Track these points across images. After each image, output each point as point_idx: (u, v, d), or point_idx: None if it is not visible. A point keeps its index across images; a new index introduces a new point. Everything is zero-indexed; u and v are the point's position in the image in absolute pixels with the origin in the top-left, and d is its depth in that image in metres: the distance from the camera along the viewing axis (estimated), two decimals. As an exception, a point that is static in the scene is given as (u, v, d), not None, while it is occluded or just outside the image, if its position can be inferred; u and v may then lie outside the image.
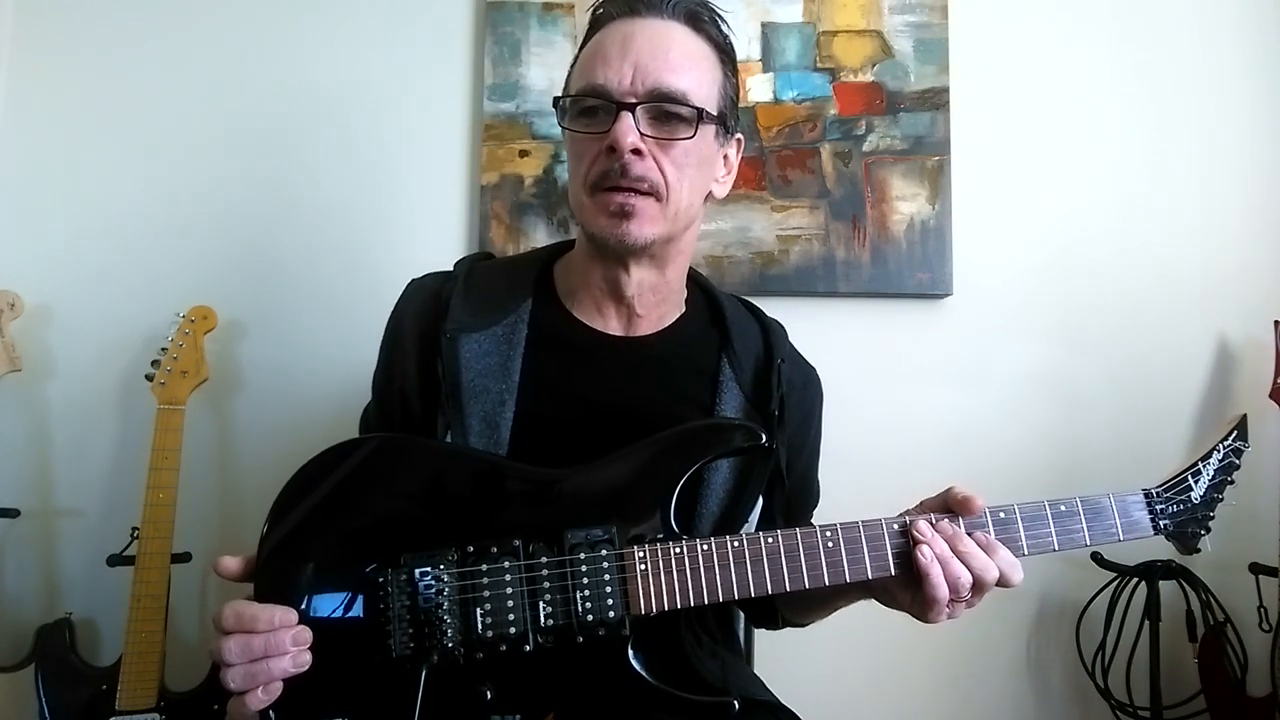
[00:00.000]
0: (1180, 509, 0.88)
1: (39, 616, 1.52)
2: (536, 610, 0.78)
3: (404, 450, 0.86)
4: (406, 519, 0.81)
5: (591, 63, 0.89)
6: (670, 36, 0.90)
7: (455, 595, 0.77)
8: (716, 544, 0.81)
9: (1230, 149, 1.67)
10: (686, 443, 0.86)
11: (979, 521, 0.83)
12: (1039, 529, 0.84)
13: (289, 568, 0.79)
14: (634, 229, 0.88)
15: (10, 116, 1.67)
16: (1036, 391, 1.65)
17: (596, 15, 0.94)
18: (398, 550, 0.78)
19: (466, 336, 0.93)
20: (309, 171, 1.68)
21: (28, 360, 1.55)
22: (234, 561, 0.81)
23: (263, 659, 0.73)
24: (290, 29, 1.69)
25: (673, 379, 0.98)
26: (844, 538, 0.82)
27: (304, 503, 0.81)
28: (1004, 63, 1.68)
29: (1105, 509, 0.86)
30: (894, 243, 1.62)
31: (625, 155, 0.86)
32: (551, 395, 0.94)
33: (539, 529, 0.81)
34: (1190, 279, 1.65)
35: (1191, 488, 0.89)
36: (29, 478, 1.63)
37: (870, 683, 1.61)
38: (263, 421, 1.64)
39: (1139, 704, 1.52)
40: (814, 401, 1.08)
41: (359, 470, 0.82)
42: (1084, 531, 0.85)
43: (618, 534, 0.81)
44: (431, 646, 0.76)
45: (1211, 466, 0.90)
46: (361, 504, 0.82)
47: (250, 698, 0.73)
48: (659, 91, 0.87)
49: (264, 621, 0.74)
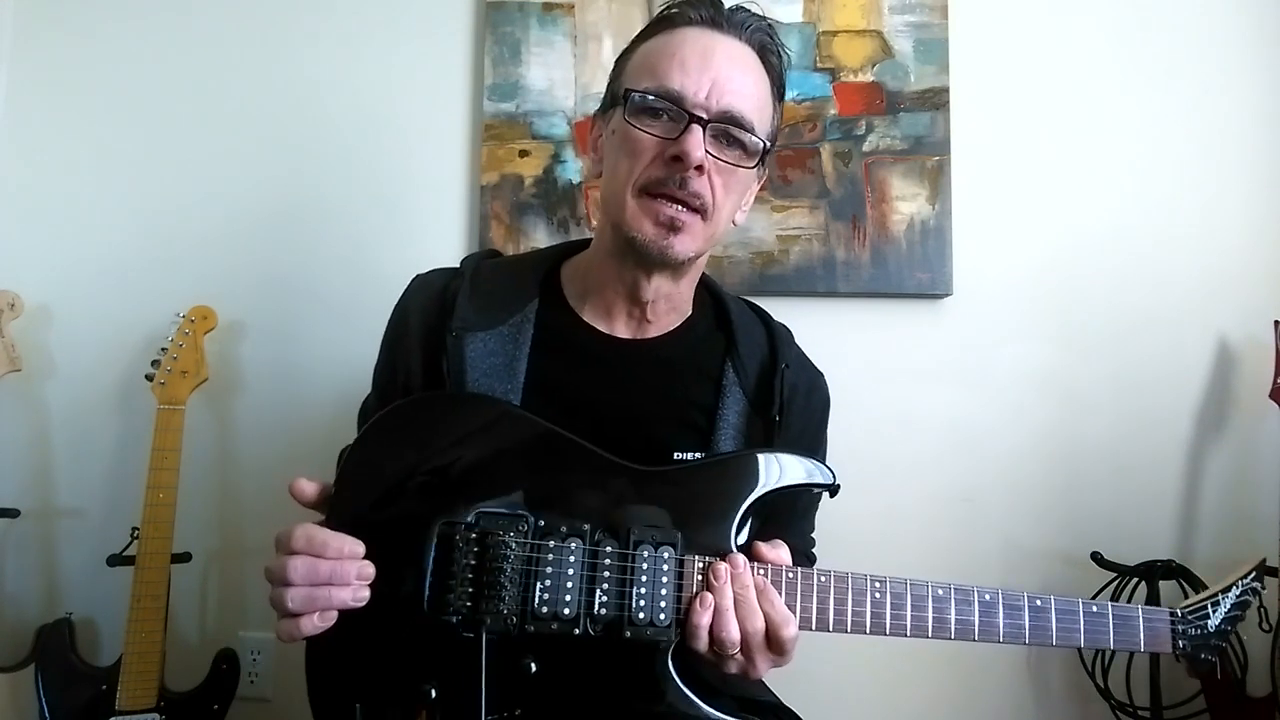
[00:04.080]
0: (1197, 633, 0.93)
1: (39, 616, 1.52)
2: (593, 597, 0.79)
3: (501, 414, 0.87)
4: (486, 478, 0.82)
5: (667, 65, 0.88)
6: (746, 62, 0.90)
7: (520, 565, 0.79)
8: (773, 572, 0.83)
9: (1230, 149, 1.67)
10: (762, 469, 0.86)
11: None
12: (1069, 624, 0.87)
13: (365, 500, 0.81)
14: (678, 243, 0.88)
15: (11, 116, 1.67)
16: (1036, 391, 1.64)
17: (672, 14, 0.92)
18: (472, 508, 0.80)
19: (472, 335, 0.93)
20: (308, 171, 1.68)
21: (28, 360, 1.55)
22: (311, 486, 0.82)
23: (326, 585, 0.75)
24: (290, 29, 1.69)
25: (676, 382, 0.98)
26: (891, 592, 0.84)
27: (390, 443, 0.83)
28: (1004, 63, 1.67)
29: (1133, 620, 0.90)
30: (894, 243, 1.62)
31: (690, 169, 0.85)
32: (556, 396, 0.93)
33: (609, 518, 0.82)
34: (1190, 279, 1.64)
35: (1209, 616, 0.94)
36: (29, 478, 1.63)
37: (870, 682, 1.61)
38: (263, 421, 1.64)
39: (1139, 704, 1.52)
40: (818, 409, 1.07)
41: (448, 420, 0.84)
42: (1109, 635, 0.89)
43: (681, 541, 0.82)
44: (487, 609, 0.77)
45: (1230, 600, 0.96)
46: (446, 457, 0.83)
47: (305, 621, 0.74)
48: (730, 114, 0.87)
49: (334, 549, 0.75)
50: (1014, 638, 0.86)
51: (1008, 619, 0.86)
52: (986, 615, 0.85)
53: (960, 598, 0.85)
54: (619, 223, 0.90)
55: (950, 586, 0.85)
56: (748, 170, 0.91)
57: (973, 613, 0.85)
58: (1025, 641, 0.87)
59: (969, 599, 0.85)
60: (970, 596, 0.85)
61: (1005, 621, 0.86)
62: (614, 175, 0.91)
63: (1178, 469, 1.62)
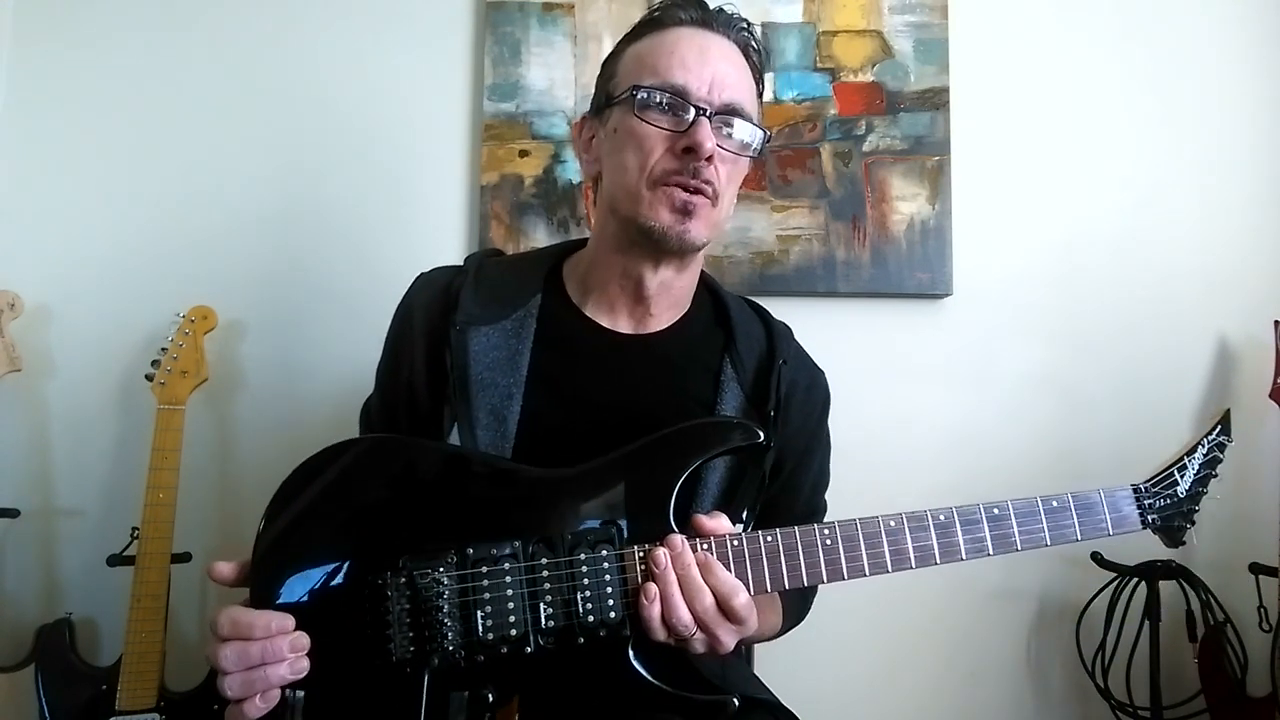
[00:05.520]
0: (1167, 503, 0.90)
1: (39, 616, 1.52)
2: (537, 612, 0.77)
3: (400, 450, 0.85)
4: (404, 520, 0.80)
5: (667, 62, 0.91)
6: (735, 59, 0.94)
7: (455, 598, 0.77)
8: (716, 543, 0.81)
9: (1231, 149, 1.67)
10: (685, 441, 0.86)
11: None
12: (1032, 524, 0.85)
13: (284, 572, 0.78)
14: (694, 228, 0.91)
15: (10, 116, 1.67)
16: (1036, 391, 1.65)
17: (662, 16, 0.95)
18: (396, 553, 0.78)
19: (476, 329, 0.94)
20: (308, 172, 1.68)
21: (28, 360, 1.55)
22: (228, 567, 0.79)
23: (260, 666, 0.73)
24: (290, 28, 1.69)
25: (676, 377, 0.99)
26: (842, 535, 0.83)
27: (299, 505, 0.80)
28: (1004, 63, 1.68)
29: (1095, 504, 0.88)
30: (894, 243, 1.62)
31: (704, 159, 0.88)
32: (558, 390, 0.94)
33: (539, 530, 0.80)
34: (1190, 279, 1.65)
35: (1178, 482, 0.91)
36: (29, 478, 1.62)
37: (870, 682, 1.61)
38: (263, 421, 1.64)
39: (1139, 704, 1.52)
40: (817, 405, 1.07)
41: (354, 471, 0.82)
42: (1075, 526, 0.86)
43: (618, 534, 0.80)
44: (432, 650, 0.76)
45: (1196, 460, 0.92)
46: (357, 506, 0.81)
47: (248, 706, 0.73)
48: (732, 106, 0.91)
49: (260, 628, 0.73)
50: (978, 552, 0.84)
51: (967, 534, 0.84)
52: (945, 536, 0.83)
53: (914, 524, 0.83)
54: (633, 215, 0.91)
55: (902, 515, 0.83)
56: (748, 160, 0.95)
57: (929, 537, 0.83)
58: (990, 553, 0.84)
59: (923, 523, 0.83)
60: (925, 521, 0.83)
61: (965, 538, 0.84)
62: (622, 170, 0.92)
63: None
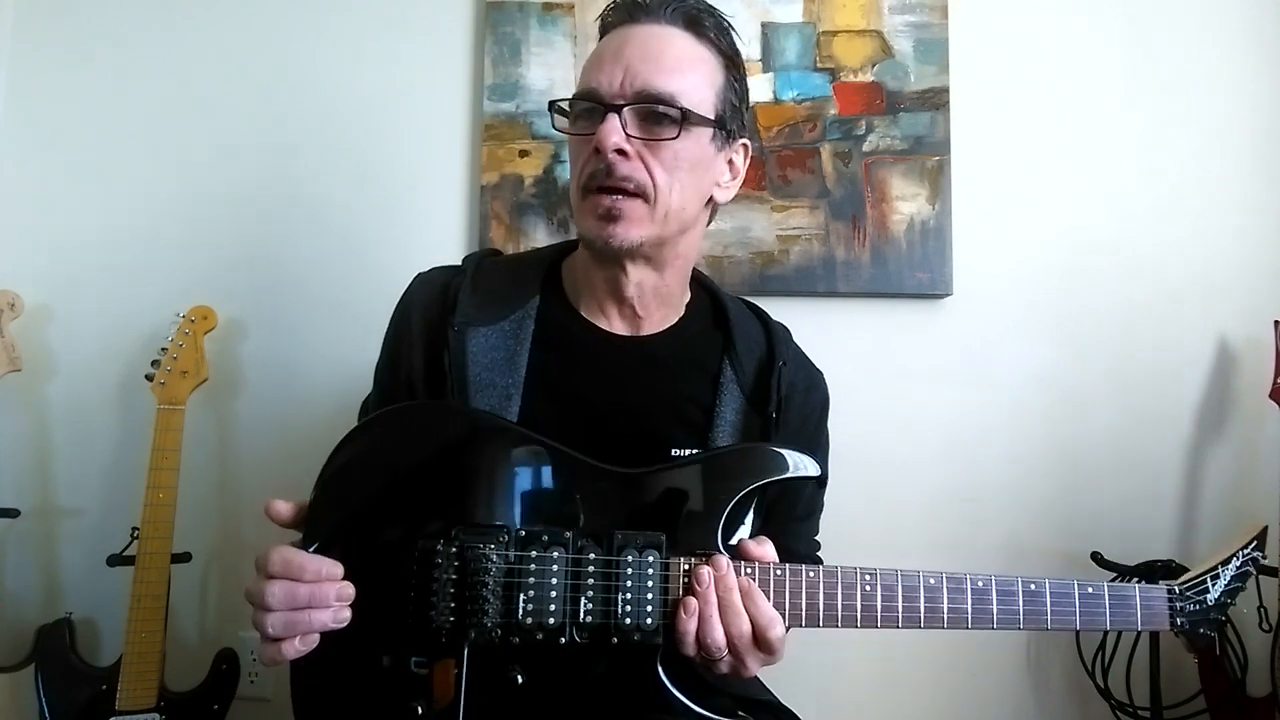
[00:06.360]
0: (1196, 609, 0.91)
1: (39, 616, 1.52)
2: (578, 605, 0.78)
3: (466, 421, 0.87)
4: (462, 490, 0.81)
5: (589, 69, 0.92)
6: (665, 40, 0.91)
7: (502, 577, 0.78)
8: (760, 569, 0.81)
9: (1230, 149, 1.67)
10: (747, 462, 0.86)
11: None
12: (1065, 607, 0.87)
13: (339, 521, 0.79)
14: (620, 231, 0.89)
15: (10, 116, 1.67)
16: (1036, 391, 1.64)
17: (601, 25, 0.96)
18: (451, 522, 0.79)
19: (474, 330, 0.94)
20: (309, 171, 1.68)
21: (28, 360, 1.55)
22: (286, 506, 0.80)
23: (305, 609, 0.74)
24: (289, 28, 1.69)
25: (675, 379, 0.99)
26: (882, 583, 0.83)
27: (364, 459, 0.81)
28: (1004, 63, 1.67)
29: (1130, 598, 0.89)
30: (894, 243, 1.62)
31: (609, 155, 0.87)
32: (556, 392, 0.94)
33: (591, 525, 0.81)
34: (1190, 279, 1.64)
35: (1209, 589, 0.92)
36: (29, 478, 1.63)
37: (870, 682, 1.61)
38: (263, 421, 1.64)
39: (1139, 704, 1.52)
40: (816, 407, 1.07)
41: (419, 434, 0.83)
42: (1106, 616, 0.88)
43: (666, 544, 0.81)
44: (471, 624, 0.76)
45: (1229, 572, 0.93)
46: (419, 469, 0.82)
47: (287, 645, 0.73)
48: (646, 93, 0.87)
49: (310, 571, 0.74)
50: (1008, 624, 0.85)
51: (1001, 605, 0.85)
52: (979, 602, 0.84)
53: (952, 586, 0.84)
54: (578, 225, 0.94)
55: (942, 575, 0.84)
56: (677, 142, 0.88)
57: (965, 600, 0.84)
58: (1019, 627, 0.86)
59: (961, 586, 0.84)
60: (963, 584, 0.84)
61: (999, 608, 0.85)
62: (571, 182, 0.95)
63: (1178, 469, 1.62)
